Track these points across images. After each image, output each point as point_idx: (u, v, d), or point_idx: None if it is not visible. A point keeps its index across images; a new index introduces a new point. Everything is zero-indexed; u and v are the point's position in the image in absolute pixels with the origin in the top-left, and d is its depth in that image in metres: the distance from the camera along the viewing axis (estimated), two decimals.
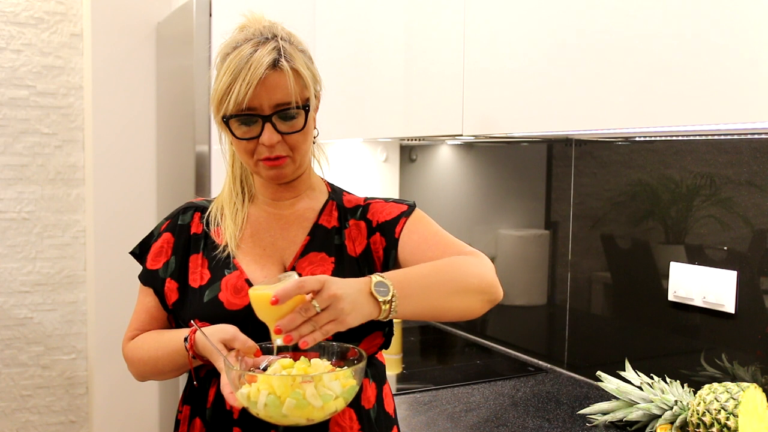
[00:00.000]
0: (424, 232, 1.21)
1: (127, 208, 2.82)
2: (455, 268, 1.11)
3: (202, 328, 1.07)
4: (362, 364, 1.02)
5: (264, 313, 0.98)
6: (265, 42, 1.12)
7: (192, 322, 1.11)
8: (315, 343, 0.93)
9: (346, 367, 1.03)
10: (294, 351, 1.08)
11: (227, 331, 1.07)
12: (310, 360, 1.06)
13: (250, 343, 1.06)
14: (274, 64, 1.10)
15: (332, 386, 0.98)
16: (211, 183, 2.31)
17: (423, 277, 1.08)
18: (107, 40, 2.76)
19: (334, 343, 1.09)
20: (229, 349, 1.05)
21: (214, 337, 1.05)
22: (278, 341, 0.95)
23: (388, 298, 0.99)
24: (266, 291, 0.95)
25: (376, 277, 1.00)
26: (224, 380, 1.02)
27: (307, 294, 0.94)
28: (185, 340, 1.11)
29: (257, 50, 1.10)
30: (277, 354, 1.07)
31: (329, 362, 1.07)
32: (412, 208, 1.25)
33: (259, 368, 1.05)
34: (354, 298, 0.96)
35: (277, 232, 1.23)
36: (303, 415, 0.96)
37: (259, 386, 0.97)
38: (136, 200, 2.85)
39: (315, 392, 0.96)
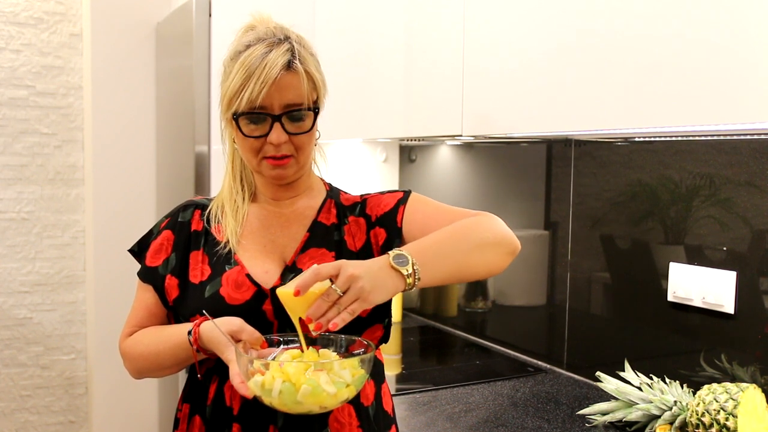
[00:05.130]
0: (425, 210, 1.23)
1: (127, 208, 2.83)
2: (466, 228, 1.14)
3: (210, 319, 1.08)
4: (371, 354, 1.04)
5: (293, 307, 1.01)
6: (279, 43, 1.13)
7: (204, 312, 1.12)
8: (344, 323, 0.96)
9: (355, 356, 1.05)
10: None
11: (234, 322, 1.08)
12: (318, 351, 1.07)
13: (257, 334, 1.08)
14: (288, 65, 1.12)
15: (343, 374, 1.00)
16: (210, 183, 2.31)
17: (437, 242, 1.10)
18: (107, 40, 2.76)
19: (341, 336, 1.10)
20: (236, 340, 1.06)
21: (221, 328, 1.06)
22: (313, 332, 0.98)
23: (410, 267, 1.02)
24: (289, 287, 0.99)
25: (392, 252, 1.03)
26: (234, 370, 1.03)
27: (328, 280, 0.98)
28: (189, 333, 1.11)
29: (272, 50, 1.11)
30: (282, 347, 1.09)
31: (336, 354, 1.08)
32: (408, 194, 1.26)
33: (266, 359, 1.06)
34: (373, 275, 0.99)
35: (278, 230, 1.24)
36: (317, 402, 0.98)
37: (273, 374, 0.98)
38: (135, 200, 2.85)
39: (329, 379, 0.98)
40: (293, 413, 1.02)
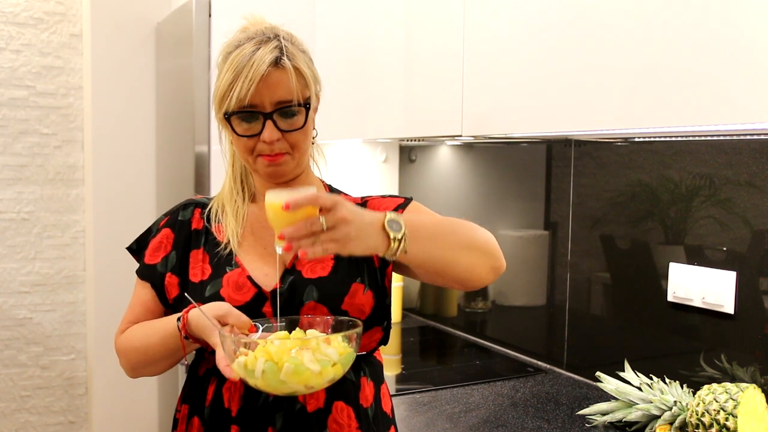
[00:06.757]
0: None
1: (127, 208, 2.82)
2: (464, 226, 1.14)
3: (197, 305, 1.08)
4: (357, 329, 1.03)
5: (275, 218, 0.99)
6: (268, 41, 1.13)
7: (186, 295, 1.12)
8: (313, 256, 0.95)
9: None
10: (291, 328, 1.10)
11: (221, 307, 1.08)
12: (305, 332, 1.07)
13: (244, 318, 1.07)
14: (276, 62, 1.12)
15: (328, 352, 0.98)
16: (210, 183, 2.31)
17: (434, 225, 1.10)
18: (107, 41, 2.76)
19: (328, 317, 1.11)
20: (223, 324, 1.06)
21: (208, 313, 1.06)
22: (279, 248, 0.97)
23: (399, 235, 1.00)
24: (281, 197, 0.96)
25: (390, 214, 1.02)
26: (220, 354, 1.03)
27: (320, 210, 0.96)
28: (178, 320, 1.12)
29: (259, 48, 1.11)
30: (267, 331, 1.09)
31: (325, 334, 1.07)
32: (408, 200, 1.26)
33: None
34: (362, 227, 0.97)
35: None
36: (301, 381, 0.97)
37: (256, 354, 0.97)
38: (135, 200, 2.85)
39: (312, 357, 0.97)
40: (280, 394, 1.01)
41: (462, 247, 1.11)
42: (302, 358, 0.96)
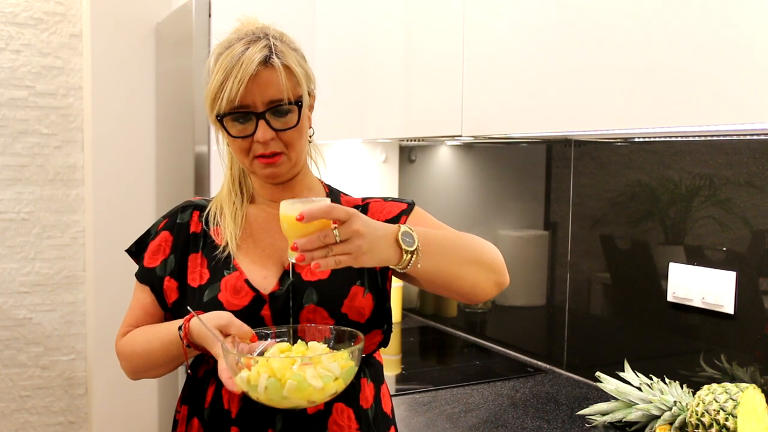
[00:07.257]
0: (426, 225, 1.22)
1: (127, 208, 2.83)
2: (472, 241, 1.15)
3: (198, 315, 1.08)
4: (360, 345, 1.03)
5: (288, 228, 0.99)
6: (257, 40, 1.13)
7: (189, 308, 1.11)
8: (326, 268, 0.95)
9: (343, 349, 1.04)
10: (293, 337, 1.10)
11: (223, 317, 1.07)
12: (307, 343, 1.06)
13: (246, 328, 1.07)
14: (265, 61, 1.11)
15: (331, 367, 0.99)
16: (210, 183, 2.31)
17: (444, 239, 1.11)
18: (106, 41, 2.76)
19: (330, 327, 1.10)
20: (225, 335, 1.06)
21: (210, 323, 1.06)
22: (292, 258, 0.97)
23: (412, 249, 1.02)
24: (295, 208, 0.97)
25: (403, 227, 1.03)
26: (222, 366, 1.02)
27: (334, 221, 0.96)
28: (179, 328, 1.11)
29: (248, 48, 1.11)
30: (271, 340, 1.08)
31: (326, 346, 1.07)
32: (411, 206, 1.26)
33: (255, 354, 1.06)
34: (376, 240, 0.98)
35: (277, 233, 1.23)
36: (303, 396, 0.97)
37: (258, 369, 0.97)
38: (135, 201, 2.85)
39: (315, 373, 0.97)
40: (282, 408, 1.01)
41: (470, 263, 1.12)
42: (305, 374, 0.96)
